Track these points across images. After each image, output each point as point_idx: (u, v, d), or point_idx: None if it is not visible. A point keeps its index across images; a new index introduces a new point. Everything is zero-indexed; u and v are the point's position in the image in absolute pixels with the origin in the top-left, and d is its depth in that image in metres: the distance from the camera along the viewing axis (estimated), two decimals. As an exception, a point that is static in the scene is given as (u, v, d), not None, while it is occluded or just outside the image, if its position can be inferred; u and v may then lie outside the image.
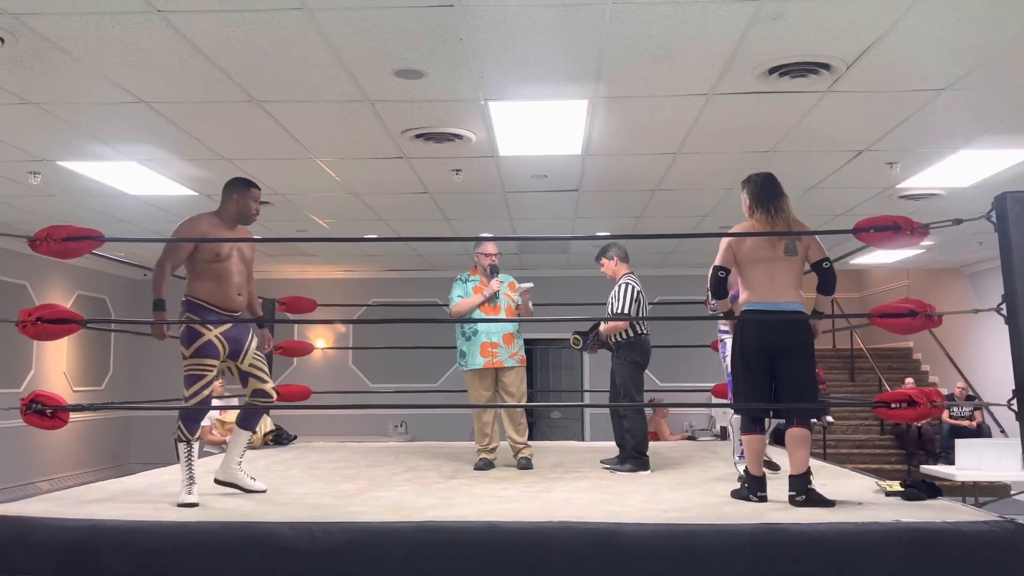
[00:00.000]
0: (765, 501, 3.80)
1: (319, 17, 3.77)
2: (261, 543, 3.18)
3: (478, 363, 5.30)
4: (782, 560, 3.10)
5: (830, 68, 4.34)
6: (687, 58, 4.24)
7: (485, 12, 3.71)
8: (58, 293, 10.27)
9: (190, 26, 3.86)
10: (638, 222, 8.44)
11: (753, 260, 3.87)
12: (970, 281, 11.86)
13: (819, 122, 5.26)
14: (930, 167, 6.37)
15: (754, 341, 3.89)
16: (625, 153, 5.99)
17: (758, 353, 3.89)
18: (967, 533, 3.14)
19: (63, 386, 10.28)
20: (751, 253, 3.87)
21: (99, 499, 3.91)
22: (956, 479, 7.27)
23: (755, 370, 3.92)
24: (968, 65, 4.35)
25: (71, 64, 4.28)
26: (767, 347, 3.87)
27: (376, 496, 4.12)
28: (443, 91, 4.71)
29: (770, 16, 3.74)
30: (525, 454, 5.30)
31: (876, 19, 3.80)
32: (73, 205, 7.48)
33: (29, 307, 3.79)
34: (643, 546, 3.13)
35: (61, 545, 3.21)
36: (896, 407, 3.56)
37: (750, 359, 3.91)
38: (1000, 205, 3.50)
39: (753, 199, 3.97)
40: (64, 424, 3.76)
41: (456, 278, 5.53)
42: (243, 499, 4.00)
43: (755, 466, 3.87)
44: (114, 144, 5.71)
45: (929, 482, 4.02)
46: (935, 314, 3.74)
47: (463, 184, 6.75)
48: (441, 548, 3.16)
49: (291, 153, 5.94)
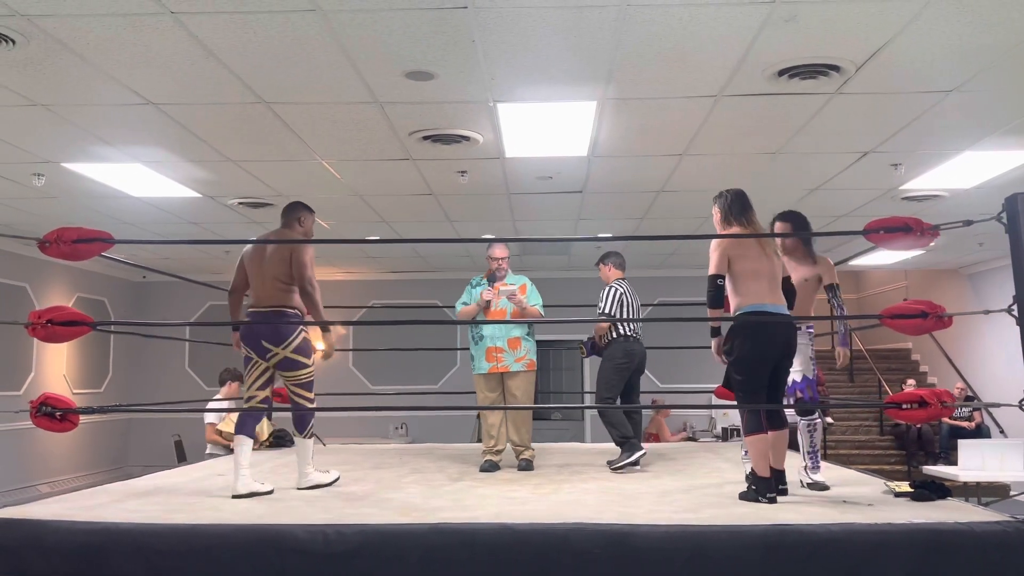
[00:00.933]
0: (775, 502, 3.80)
1: (332, 19, 3.77)
2: (275, 545, 3.17)
3: (483, 368, 5.35)
4: (795, 561, 3.10)
5: (839, 70, 4.35)
6: (698, 60, 4.25)
7: (499, 14, 3.71)
8: (58, 295, 10.24)
9: (202, 28, 3.85)
10: (641, 224, 8.45)
11: (747, 266, 3.97)
12: (970, 282, 11.89)
13: (826, 123, 5.28)
14: (934, 168, 6.39)
15: (769, 342, 3.91)
16: (631, 155, 6.00)
17: (770, 354, 3.92)
18: (980, 534, 3.15)
19: (63, 388, 10.24)
20: (744, 259, 3.97)
21: (108, 502, 3.90)
22: (959, 479, 7.29)
23: (763, 370, 3.96)
24: (976, 67, 4.36)
25: (81, 65, 4.27)
26: (780, 346, 3.92)
27: (386, 498, 4.12)
28: (452, 93, 4.71)
29: (783, 18, 3.75)
30: (526, 456, 5.32)
31: (888, 21, 3.81)
32: (75, 207, 7.46)
33: (31, 309, 3.79)
34: (657, 547, 3.13)
35: (73, 548, 3.20)
36: (907, 408, 3.57)
37: (762, 360, 3.93)
38: (1011, 206, 3.50)
39: (728, 212, 4.20)
40: (74, 427, 3.74)
41: (469, 281, 5.60)
42: (255, 501, 3.99)
43: (763, 467, 3.88)
44: (120, 146, 5.70)
45: (938, 483, 4.03)
46: (946, 315, 3.76)
47: (468, 186, 6.75)
48: (455, 550, 3.16)
49: (297, 155, 5.94)
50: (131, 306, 12.02)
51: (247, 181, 6.67)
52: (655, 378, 11.63)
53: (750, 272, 3.99)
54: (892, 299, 13.64)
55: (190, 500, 4.01)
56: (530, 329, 5.45)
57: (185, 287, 11.22)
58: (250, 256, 4.43)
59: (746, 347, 3.93)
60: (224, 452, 6.95)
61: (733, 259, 3.98)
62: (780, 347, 3.98)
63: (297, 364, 4.32)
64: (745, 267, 3.98)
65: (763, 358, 3.94)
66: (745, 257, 3.99)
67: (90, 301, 10.98)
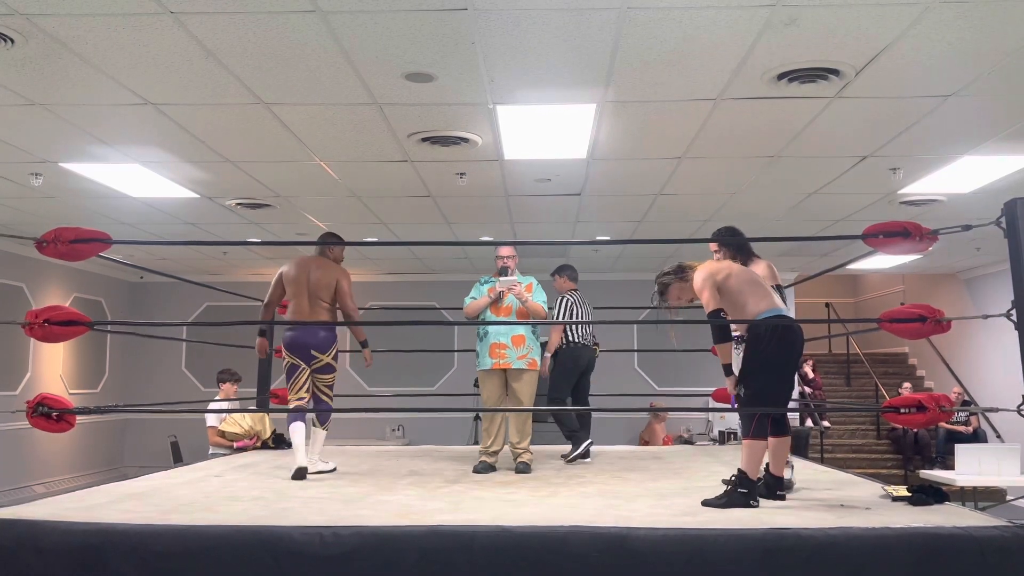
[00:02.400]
0: (758, 506, 3.81)
1: (332, 20, 3.76)
2: (271, 547, 3.16)
3: (487, 364, 5.36)
4: (793, 564, 3.10)
5: (839, 74, 4.35)
6: (698, 63, 4.25)
7: (499, 16, 3.71)
8: (55, 295, 10.22)
9: (202, 28, 3.84)
10: (639, 226, 8.45)
11: (742, 278, 3.98)
12: (966, 287, 11.91)
13: (825, 127, 5.28)
14: (932, 173, 6.40)
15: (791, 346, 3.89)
16: (630, 158, 6.00)
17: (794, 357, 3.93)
18: (979, 538, 3.15)
19: (59, 389, 10.22)
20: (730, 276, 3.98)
21: (105, 502, 3.89)
22: (957, 484, 7.31)
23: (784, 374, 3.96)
24: (975, 72, 4.37)
25: (80, 65, 4.27)
26: (799, 350, 3.93)
27: (382, 500, 4.11)
28: (452, 95, 4.71)
29: (783, 22, 3.75)
30: (524, 459, 5.31)
31: (888, 25, 3.81)
32: (72, 207, 7.45)
33: (27, 309, 3.80)
34: (655, 551, 3.12)
35: (70, 549, 3.19)
36: (906, 412, 3.57)
37: (785, 363, 3.91)
38: (1010, 211, 3.51)
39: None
40: (71, 427, 3.73)
41: (478, 280, 5.64)
42: (251, 503, 3.98)
43: (757, 470, 3.89)
44: (118, 146, 5.69)
45: (936, 487, 4.03)
46: (944, 319, 3.76)
47: (466, 188, 6.75)
48: (452, 552, 3.14)
49: (295, 156, 5.93)
50: (128, 306, 12.01)
51: (245, 182, 6.66)
52: (652, 381, 11.64)
53: (746, 281, 3.99)
54: (889, 303, 13.66)
55: (187, 501, 4.00)
56: (535, 330, 5.48)
57: (182, 288, 11.21)
58: (293, 277, 5.16)
59: (768, 351, 3.86)
60: (228, 452, 6.96)
61: (721, 283, 3.97)
62: (799, 350, 3.98)
63: (332, 368, 5.26)
64: (740, 279, 3.99)
65: (788, 362, 3.94)
66: (730, 275, 4.00)
67: (87, 301, 10.96)
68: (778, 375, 3.92)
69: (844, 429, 12.16)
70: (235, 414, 7.01)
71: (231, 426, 7.05)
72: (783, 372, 3.94)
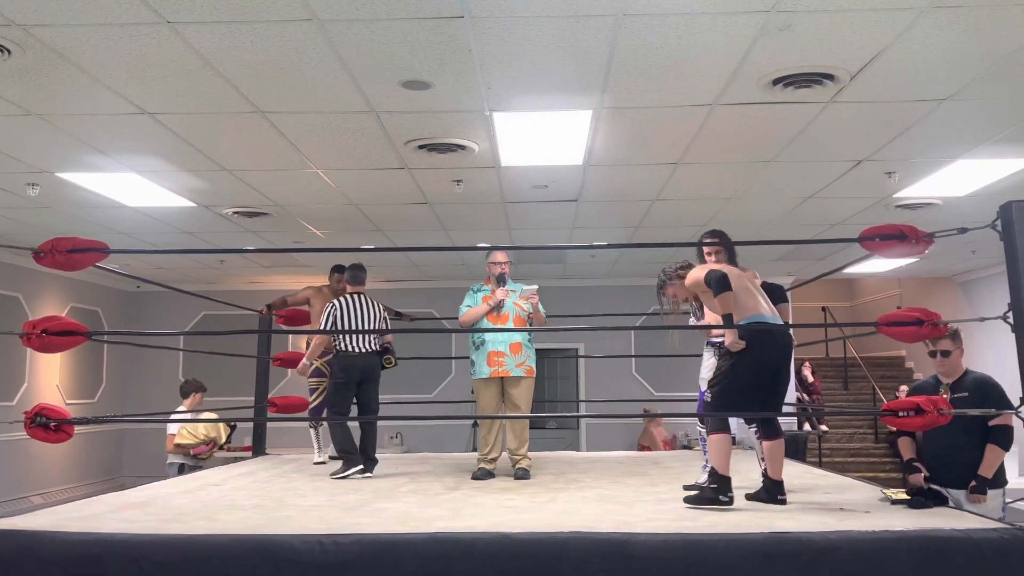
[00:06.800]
0: (732, 503, 3.85)
1: (328, 28, 3.77)
2: (271, 556, 3.16)
3: (484, 372, 5.35)
4: (793, 569, 3.11)
5: (834, 79, 4.37)
6: (694, 69, 4.27)
7: (495, 23, 3.72)
8: (51, 305, 10.20)
9: (199, 37, 3.85)
10: (636, 232, 8.46)
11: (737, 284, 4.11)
12: (963, 290, 11.93)
13: (821, 132, 5.30)
14: (928, 176, 6.42)
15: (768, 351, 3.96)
16: (626, 164, 6.01)
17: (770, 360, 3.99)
18: (978, 541, 3.16)
19: (56, 399, 10.19)
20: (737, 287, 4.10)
21: (103, 512, 3.89)
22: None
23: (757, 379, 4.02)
24: (969, 76, 4.39)
25: (77, 75, 4.27)
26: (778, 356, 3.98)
27: (382, 507, 4.11)
28: (448, 102, 4.71)
29: (778, 27, 3.76)
30: (523, 465, 5.31)
31: (883, 30, 3.83)
32: (69, 217, 7.44)
33: (24, 320, 3.79)
34: (656, 556, 3.13)
35: (70, 559, 3.18)
36: (904, 415, 3.58)
37: (759, 367, 3.98)
38: (1006, 214, 3.53)
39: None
40: (69, 437, 3.72)
41: (469, 288, 5.61)
42: (251, 511, 3.98)
43: (725, 466, 3.95)
44: (115, 155, 5.69)
45: (935, 490, 4.04)
46: (941, 323, 3.78)
47: (463, 195, 6.75)
48: (453, 559, 3.15)
49: (292, 164, 5.93)
50: (125, 316, 11.98)
51: (242, 190, 6.66)
52: (650, 386, 11.63)
53: (741, 288, 4.15)
54: (885, 307, 13.68)
55: (186, 510, 3.99)
56: (531, 336, 5.47)
57: (179, 297, 11.17)
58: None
59: (749, 357, 4.02)
60: (185, 460, 7.24)
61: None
62: (779, 354, 4.10)
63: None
64: (738, 284, 4.14)
65: (763, 365, 4.00)
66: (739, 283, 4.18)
67: (84, 311, 10.93)
68: (748, 379, 4.03)
69: (842, 433, 12.17)
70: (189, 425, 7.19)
71: (185, 438, 7.21)
72: (756, 377, 4.04)
